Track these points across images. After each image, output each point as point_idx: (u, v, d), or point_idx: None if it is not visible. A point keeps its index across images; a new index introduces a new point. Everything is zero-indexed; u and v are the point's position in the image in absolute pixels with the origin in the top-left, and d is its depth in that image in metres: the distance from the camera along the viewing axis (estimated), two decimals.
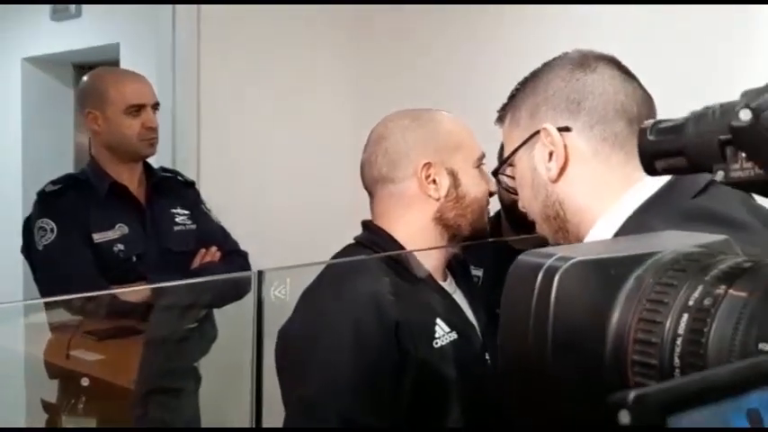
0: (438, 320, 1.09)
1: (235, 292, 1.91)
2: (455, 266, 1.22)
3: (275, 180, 2.53)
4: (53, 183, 1.80)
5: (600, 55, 0.89)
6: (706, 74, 1.87)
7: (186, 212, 1.92)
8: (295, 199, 2.58)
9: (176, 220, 1.89)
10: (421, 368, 1.03)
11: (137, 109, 1.79)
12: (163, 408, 1.81)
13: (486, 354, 1.18)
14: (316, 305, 1.06)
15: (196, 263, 1.87)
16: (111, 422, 1.76)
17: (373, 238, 1.16)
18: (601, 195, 0.84)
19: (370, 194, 1.21)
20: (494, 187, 1.19)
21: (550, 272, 0.36)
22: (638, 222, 0.80)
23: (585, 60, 0.88)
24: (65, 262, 1.69)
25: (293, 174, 2.57)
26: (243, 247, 2.02)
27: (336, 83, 2.70)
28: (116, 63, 2.97)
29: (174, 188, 1.95)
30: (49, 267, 1.71)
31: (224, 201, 2.26)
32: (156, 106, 1.84)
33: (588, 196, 0.85)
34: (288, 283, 0.95)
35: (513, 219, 1.62)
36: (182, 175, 2.03)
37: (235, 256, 1.94)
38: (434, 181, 1.13)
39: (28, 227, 1.75)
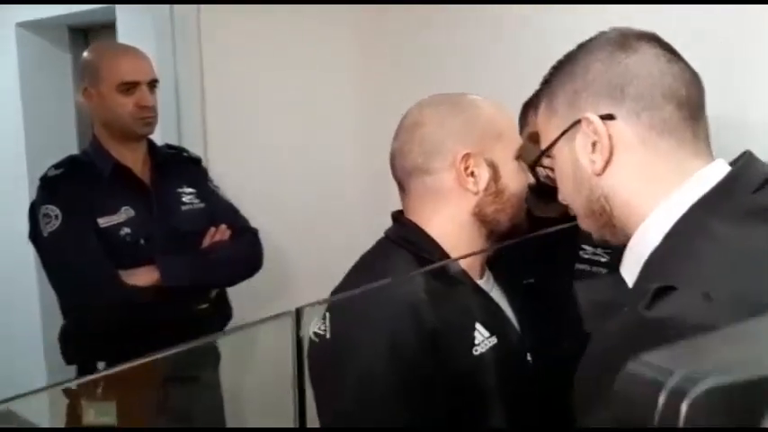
0: (477, 325, 1.02)
1: (245, 270, 1.86)
2: (491, 257, 1.14)
3: (284, 153, 2.44)
4: (55, 167, 1.73)
5: (640, 33, 0.82)
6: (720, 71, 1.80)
7: (193, 191, 1.85)
8: (306, 172, 2.50)
9: (183, 199, 1.83)
10: (460, 379, 0.98)
11: (129, 87, 1.70)
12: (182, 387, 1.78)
13: (528, 354, 1.12)
14: (348, 312, 0.99)
15: (206, 242, 1.81)
16: (132, 405, 1.73)
17: (405, 234, 1.08)
18: (651, 188, 0.77)
19: (401, 186, 1.12)
20: (531, 179, 1.09)
21: (676, 397, 0.29)
22: (694, 221, 0.73)
23: (626, 41, 0.80)
24: (71, 249, 1.63)
25: (303, 145, 2.49)
26: (253, 223, 1.96)
27: (344, 50, 2.58)
28: (112, 25, 2.85)
29: (179, 166, 1.87)
30: (56, 255, 1.65)
31: (232, 177, 2.19)
32: (152, 84, 1.75)
33: (637, 190, 0.78)
34: (327, 318, 0.88)
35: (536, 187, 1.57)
36: (188, 152, 1.95)
37: (245, 234, 1.88)
38: (473, 173, 1.05)
39: (33, 213, 1.69)
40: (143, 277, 1.67)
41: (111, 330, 1.67)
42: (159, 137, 2.08)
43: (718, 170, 0.77)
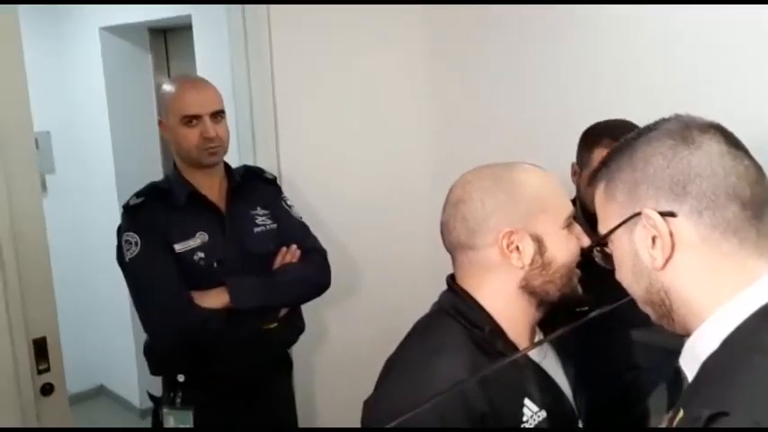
0: (526, 401, 1.03)
1: (313, 291, 1.92)
2: (545, 320, 1.13)
3: (356, 170, 2.48)
4: (137, 195, 1.82)
5: (703, 125, 0.79)
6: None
7: (266, 212, 1.92)
8: (377, 189, 2.53)
9: (256, 221, 1.89)
10: None
11: (191, 119, 1.77)
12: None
13: (579, 422, 1.12)
14: (399, 395, 1.00)
15: (277, 263, 1.88)
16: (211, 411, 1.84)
17: (457, 304, 1.08)
18: (712, 289, 0.77)
19: (452, 256, 1.13)
20: (586, 242, 1.07)
21: None
22: (751, 333, 0.72)
23: (689, 134, 0.78)
24: (149, 274, 1.73)
25: (373, 163, 2.52)
26: (325, 236, 2.02)
27: (414, 72, 2.57)
28: (190, 26, 2.94)
29: (254, 188, 1.93)
30: (136, 279, 1.75)
31: (305, 194, 2.24)
32: (217, 115, 1.80)
33: (698, 289, 0.77)
34: None
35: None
36: (264, 172, 2.01)
37: (314, 255, 1.93)
38: (518, 248, 1.04)
39: (119, 238, 1.79)
40: (214, 299, 1.75)
41: (187, 348, 1.77)
42: (237, 155, 2.16)
43: None
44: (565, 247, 1.06)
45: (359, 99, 2.46)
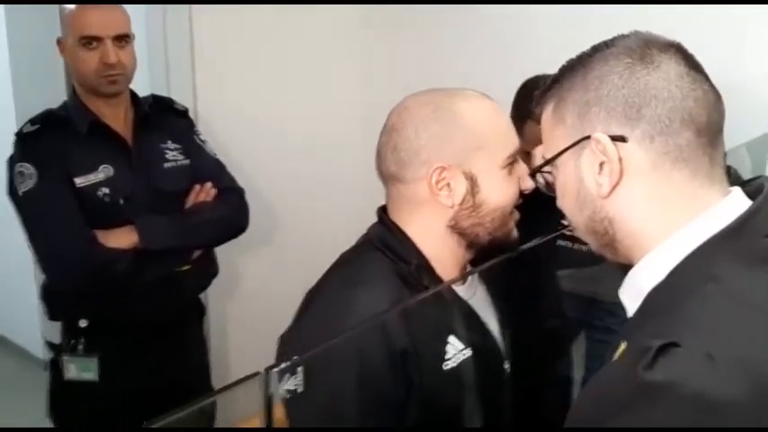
0: (450, 338, 0.98)
1: (229, 233, 1.81)
2: (477, 260, 1.07)
3: (280, 108, 2.35)
4: (32, 122, 1.65)
5: (664, 45, 0.73)
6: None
7: (178, 146, 1.77)
8: (301, 130, 2.41)
9: (166, 156, 1.75)
10: (428, 396, 0.94)
11: (90, 41, 1.59)
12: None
13: (506, 362, 1.08)
14: (317, 326, 0.95)
15: (189, 202, 1.75)
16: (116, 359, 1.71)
17: (387, 238, 1.02)
18: (659, 219, 0.73)
19: (384, 186, 1.06)
20: (528, 185, 1.00)
21: None
22: (701, 263, 0.68)
23: (647, 54, 0.72)
24: (45, 210, 1.57)
25: (299, 102, 2.39)
26: (241, 177, 1.89)
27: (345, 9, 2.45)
28: None
29: (164, 120, 1.78)
30: (31, 215, 1.60)
31: (221, 128, 2.10)
32: (121, 39, 1.63)
33: (644, 219, 0.73)
34: (300, 372, 0.84)
35: None
36: (174, 103, 1.86)
37: (230, 194, 1.81)
38: (449, 185, 0.97)
39: (11, 168, 1.62)
40: (121, 239, 1.61)
41: (90, 291, 1.64)
42: (148, 87, 1.99)
43: (732, 206, 0.72)
44: (500, 188, 0.99)
45: (286, 34, 2.32)
